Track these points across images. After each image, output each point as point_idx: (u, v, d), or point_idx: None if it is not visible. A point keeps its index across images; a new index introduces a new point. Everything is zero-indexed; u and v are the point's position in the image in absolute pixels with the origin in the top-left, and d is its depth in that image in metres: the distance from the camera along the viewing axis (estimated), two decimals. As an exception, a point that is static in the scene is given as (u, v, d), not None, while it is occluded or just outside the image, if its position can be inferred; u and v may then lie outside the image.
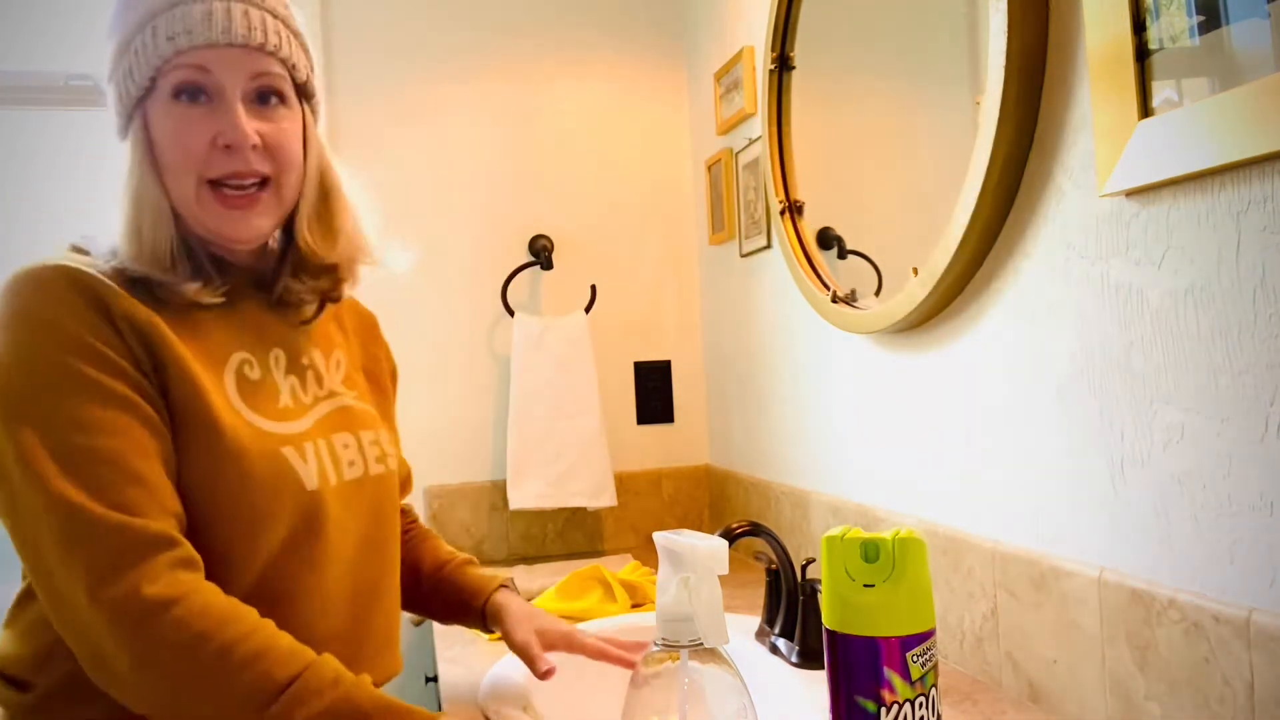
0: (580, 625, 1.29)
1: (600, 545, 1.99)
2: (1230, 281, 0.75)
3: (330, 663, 0.75)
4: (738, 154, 1.80)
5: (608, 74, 2.06)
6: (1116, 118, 0.83)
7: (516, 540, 1.95)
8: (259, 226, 0.86)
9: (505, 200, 1.98)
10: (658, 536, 0.60)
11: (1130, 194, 0.84)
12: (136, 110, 0.83)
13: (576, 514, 1.98)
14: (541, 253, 1.97)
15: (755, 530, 1.14)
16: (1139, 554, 0.86)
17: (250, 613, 0.75)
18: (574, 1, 2.05)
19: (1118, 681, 0.87)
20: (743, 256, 1.79)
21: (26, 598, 0.85)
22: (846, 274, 1.39)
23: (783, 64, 1.50)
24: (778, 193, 1.52)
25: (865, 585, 0.63)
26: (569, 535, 1.98)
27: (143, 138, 0.83)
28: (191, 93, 0.82)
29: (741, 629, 1.21)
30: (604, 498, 1.90)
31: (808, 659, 1.09)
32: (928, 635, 0.64)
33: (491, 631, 1.06)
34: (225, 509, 0.79)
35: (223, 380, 0.83)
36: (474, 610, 1.05)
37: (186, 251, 0.85)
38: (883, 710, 0.61)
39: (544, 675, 0.96)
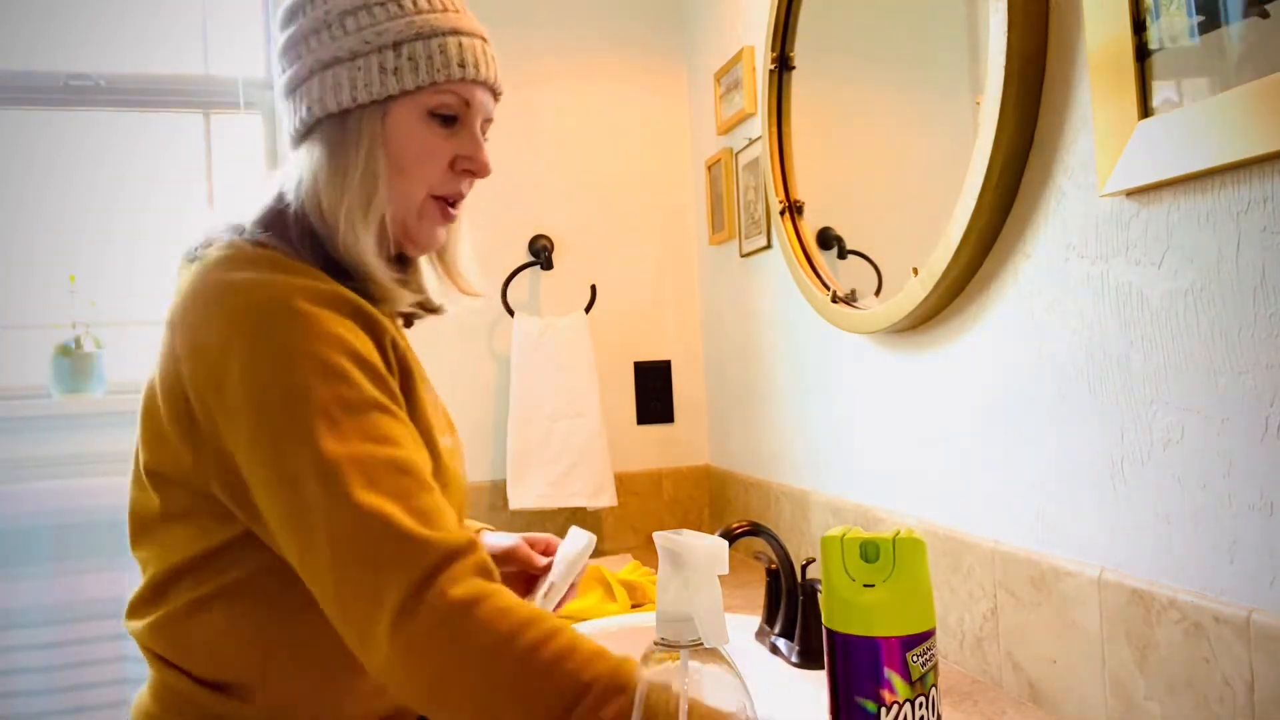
0: (580, 625, 1.29)
1: (600, 545, 1.99)
2: (1230, 281, 0.75)
3: (630, 665, 0.73)
4: (738, 154, 1.80)
5: (608, 74, 2.06)
6: (1116, 118, 0.83)
7: (516, 540, 1.95)
8: (443, 237, 0.93)
9: (505, 200, 1.98)
10: (658, 536, 0.60)
11: (1130, 194, 0.84)
12: (374, 107, 0.84)
13: (576, 514, 1.98)
14: (541, 253, 1.97)
15: (755, 530, 1.14)
16: (1139, 554, 0.86)
17: (549, 616, 0.74)
18: (574, 1, 2.05)
19: (1118, 681, 0.87)
20: (743, 256, 1.79)
21: (212, 599, 0.81)
22: (846, 274, 1.39)
23: (783, 64, 1.50)
24: (778, 193, 1.52)
25: (865, 585, 0.63)
26: (569, 535, 1.98)
27: (379, 137, 0.84)
28: (446, 118, 0.87)
29: (741, 629, 1.21)
30: (604, 498, 1.90)
31: (808, 659, 1.09)
32: (928, 635, 0.63)
33: None
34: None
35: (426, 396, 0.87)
36: None
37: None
38: (883, 710, 0.61)
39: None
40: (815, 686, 1.02)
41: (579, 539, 1.06)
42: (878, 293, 1.29)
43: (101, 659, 1.73)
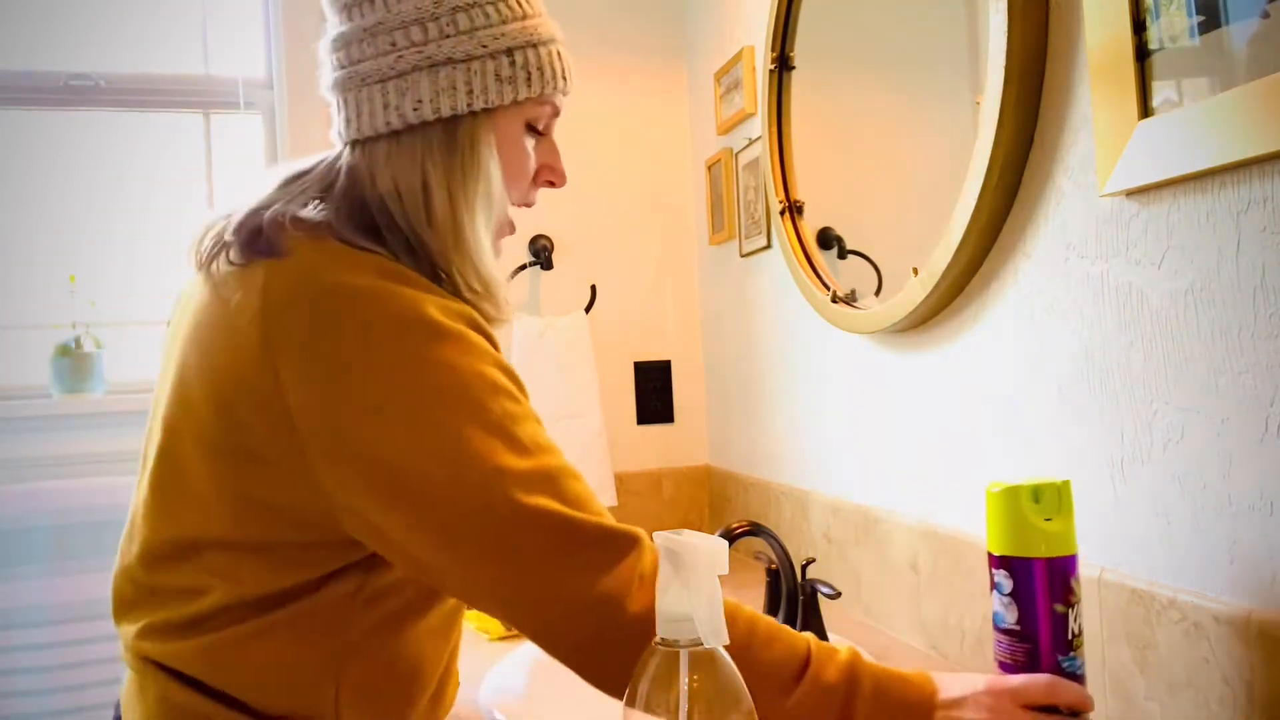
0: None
1: (600, 545, 1.99)
2: (1230, 281, 0.75)
3: (816, 639, 0.77)
4: (738, 154, 1.80)
5: (608, 74, 2.06)
6: (1116, 118, 0.83)
7: (516, 540, 1.95)
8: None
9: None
10: (658, 536, 0.60)
11: (1130, 194, 0.84)
12: (484, 115, 0.80)
13: (576, 514, 1.98)
14: (541, 253, 1.97)
15: (755, 530, 1.14)
16: (1139, 554, 0.86)
17: (738, 603, 0.75)
18: (574, 1, 2.05)
19: (1118, 681, 0.87)
20: (743, 256, 1.79)
21: (279, 626, 0.75)
22: (846, 274, 1.39)
23: (783, 64, 1.50)
24: (778, 193, 1.52)
25: (1046, 519, 0.78)
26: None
27: (492, 146, 0.81)
28: (538, 131, 0.85)
29: (741, 629, 1.21)
30: (604, 498, 1.90)
31: (808, 659, 1.09)
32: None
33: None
34: None
35: None
36: None
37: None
38: (1069, 612, 0.77)
39: None
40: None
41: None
42: (878, 293, 1.29)
43: (101, 659, 1.73)
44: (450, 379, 0.70)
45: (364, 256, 0.74)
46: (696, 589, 0.57)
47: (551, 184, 0.88)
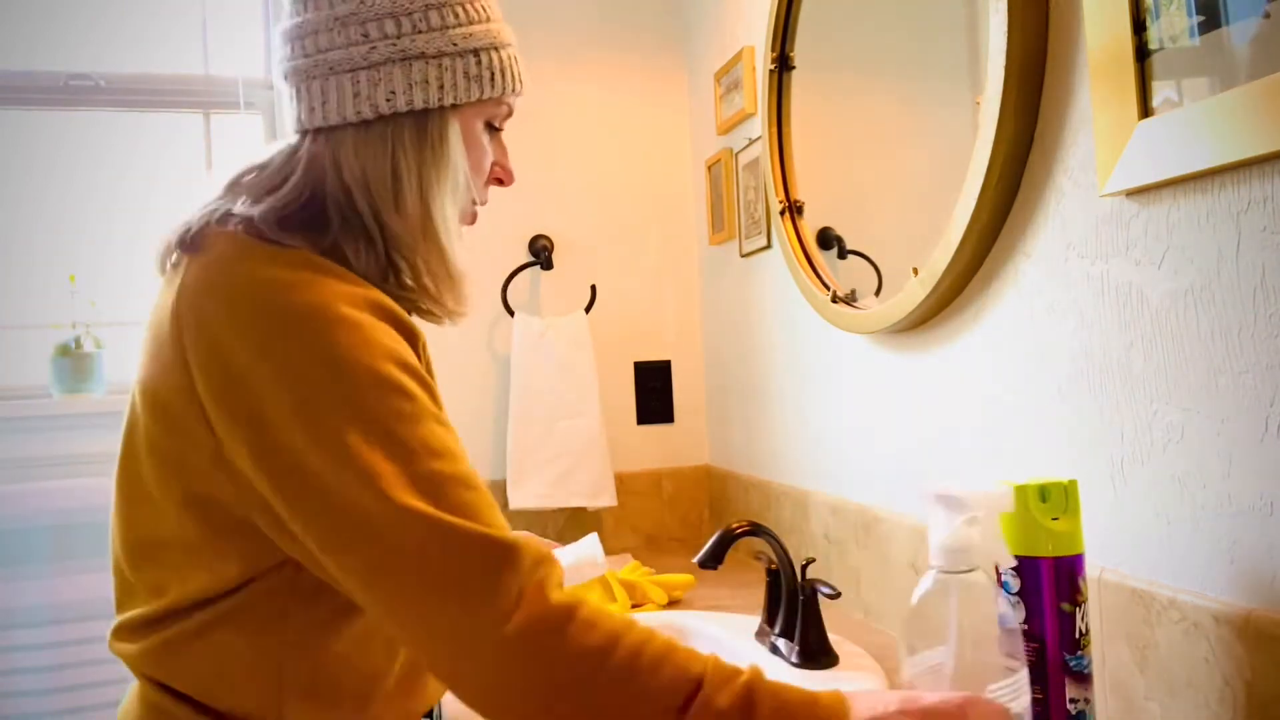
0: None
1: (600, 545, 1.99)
2: (1230, 281, 0.75)
3: (718, 659, 0.72)
4: (738, 154, 1.80)
5: (608, 74, 2.06)
6: (1116, 118, 0.83)
7: (516, 540, 1.95)
8: None
9: (505, 200, 1.97)
10: (930, 488, 0.74)
11: (1130, 194, 0.84)
12: (452, 110, 0.83)
13: (576, 514, 1.98)
14: (541, 253, 1.97)
15: (755, 530, 1.14)
16: (1139, 554, 0.86)
17: (635, 621, 0.72)
18: (575, 2, 2.05)
19: (1118, 681, 0.87)
20: (743, 256, 1.79)
21: (224, 622, 0.76)
22: (846, 274, 1.39)
23: (783, 64, 1.50)
24: (778, 193, 1.52)
25: (1053, 519, 0.79)
26: (569, 535, 1.98)
27: (459, 140, 0.83)
28: (494, 128, 0.89)
29: (741, 629, 1.21)
30: (604, 498, 1.90)
31: (807, 659, 1.09)
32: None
33: None
34: None
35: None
36: None
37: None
38: (1076, 610, 0.78)
39: None
40: (814, 686, 1.01)
41: (583, 547, 1.05)
42: (878, 293, 1.29)
43: (101, 659, 1.73)
44: (340, 373, 0.69)
45: (278, 251, 0.75)
46: (982, 525, 0.72)
47: (500, 181, 0.92)
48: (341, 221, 0.80)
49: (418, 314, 0.87)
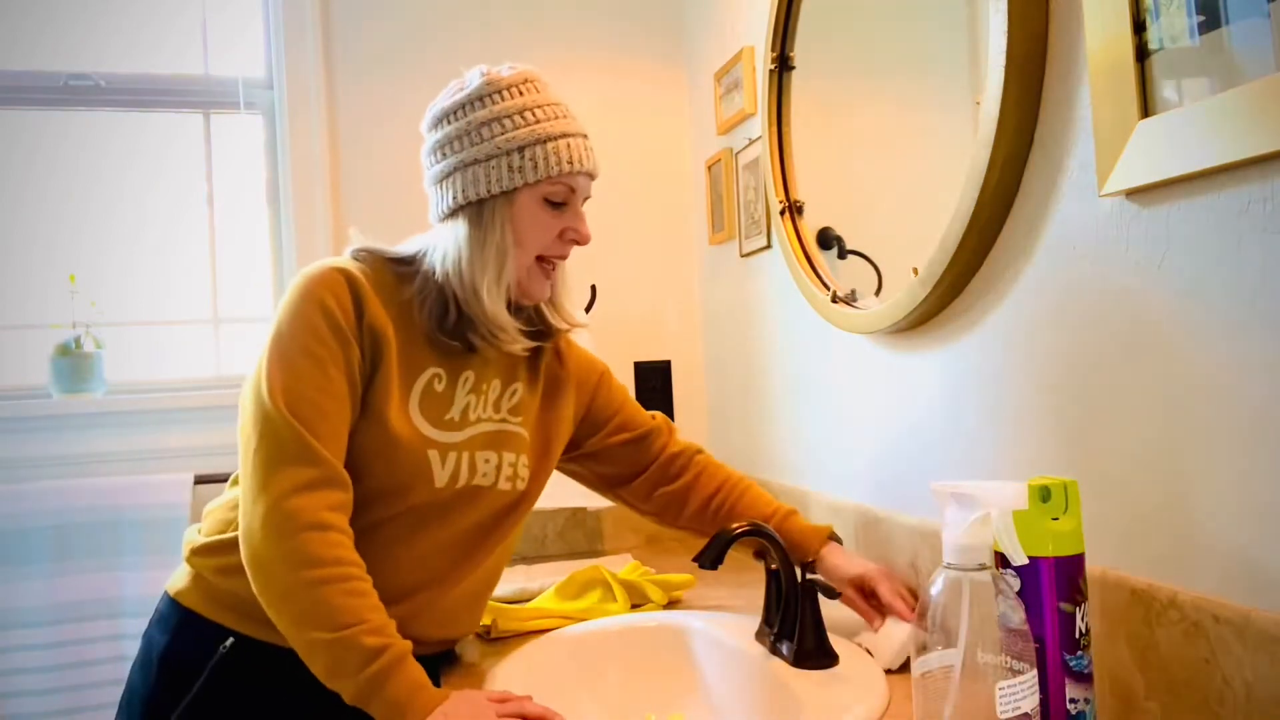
0: (580, 625, 1.29)
1: (600, 545, 1.99)
2: (1230, 281, 0.75)
3: (390, 629, 0.94)
4: (738, 154, 1.80)
5: (608, 74, 2.06)
6: (1116, 118, 0.83)
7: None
8: (549, 290, 1.17)
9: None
10: (941, 486, 0.76)
11: (1130, 194, 0.84)
12: (503, 197, 1.07)
13: (577, 514, 1.97)
14: (541, 253, 1.97)
15: (755, 530, 1.14)
16: (1139, 554, 0.86)
17: (360, 568, 0.95)
18: (574, 1, 2.05)
19: (1118, 681, 0.87)
20: (743, 256, 1.79)
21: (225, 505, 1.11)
22: (846, 274, 1.39)
23: (783, 64, 1.50)
24: (778, 193, 1.52)
25: (1053, 519, 0.80)
26: (569, 535, 1.98)
27: (509, 218, 1.08)
28: (557, 204, 1.10)
29: (741, 629, 1.21)
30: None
31: (806, 659, 1.09)
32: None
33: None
34: (373, 476, 1.03)
35: (413, 385, 1.08)
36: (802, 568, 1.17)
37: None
38: (1076, 610, 0.79)
39: (875, 629, 1.14)
40: (814, 686, 1.01)
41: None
42: (878, 293, 1.29)
43: (101, 659, 1.73)
44: (289, 315, 1.02)
45: (354, 259, 1.10)
46: (994, 522, 0.75)
47: (576, 242, 1.13)
48: (422, 277, 1.11)
49: (463, 340, 1.12)
